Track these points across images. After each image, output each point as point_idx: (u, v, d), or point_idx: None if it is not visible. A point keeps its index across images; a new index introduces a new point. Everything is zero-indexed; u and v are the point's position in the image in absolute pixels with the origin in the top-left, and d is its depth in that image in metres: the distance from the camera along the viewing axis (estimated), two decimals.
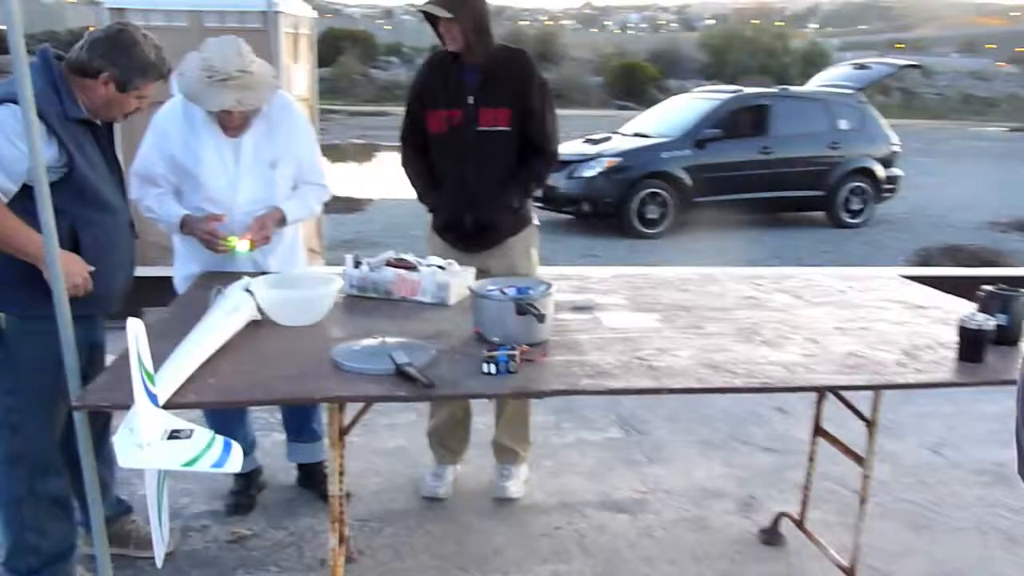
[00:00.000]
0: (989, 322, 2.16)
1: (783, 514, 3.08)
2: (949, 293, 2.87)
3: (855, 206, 10.50)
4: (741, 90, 10.86)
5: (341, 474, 2.19)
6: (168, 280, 2.95)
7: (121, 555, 2.66)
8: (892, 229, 10.48)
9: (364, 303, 2.54)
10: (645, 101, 21.70)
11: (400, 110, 3.25)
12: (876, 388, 2.02)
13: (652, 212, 9.64)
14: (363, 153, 18.50)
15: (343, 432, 2.19)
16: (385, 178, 13.10)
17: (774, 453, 3.79)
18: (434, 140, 3.02)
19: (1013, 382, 2.18)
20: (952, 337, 2.22)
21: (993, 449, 3.91)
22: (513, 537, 3.05)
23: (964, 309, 2.39)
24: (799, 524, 3.03)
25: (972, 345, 2.14)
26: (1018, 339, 2.30)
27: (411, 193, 3.17)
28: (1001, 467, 3.73)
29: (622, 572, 2.85)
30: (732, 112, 10.22)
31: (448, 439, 3.34)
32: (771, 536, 3.07)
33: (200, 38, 2.75)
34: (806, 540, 2.97)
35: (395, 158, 3.38)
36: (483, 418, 3.49)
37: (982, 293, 2.33)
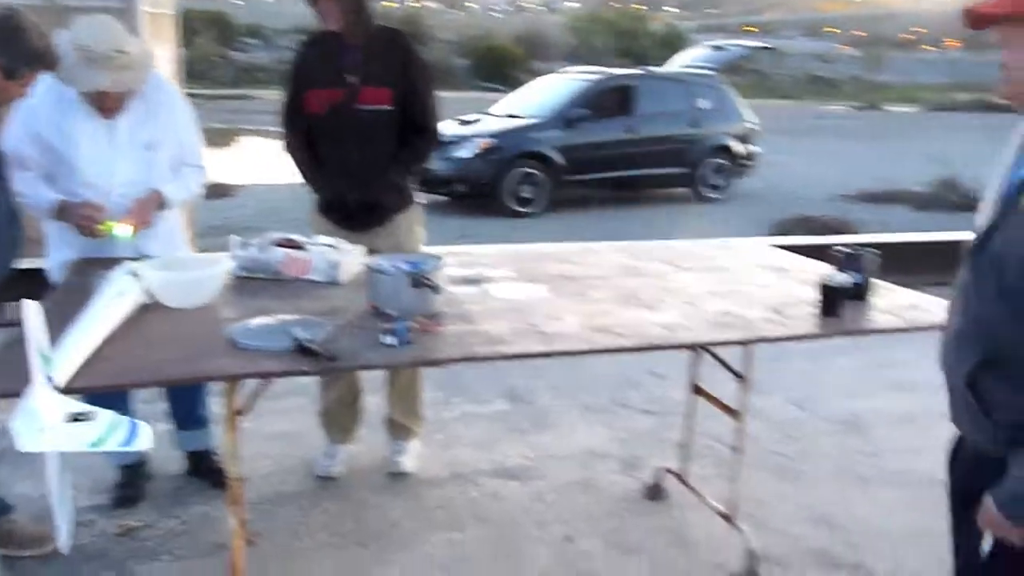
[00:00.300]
0: (846, 279, 2.37)
1: (665, 470, 3.27)
2: None
3: (716, 182, 11.01)
4: (608, 71, 11.16)
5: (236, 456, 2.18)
6: (39, 272, 2.81)
7: (3, 555, 2.55)
8: (751, 203, 11.06)
9: (253, 284, 2.52)
10: (511, 83, 21.90)
11: (264, 93, 3.22)
12: (748, 343, 2.19)
13: (526, 192, 9.81)
14: (227, 138, 17.88)
15: (238, 412, 2.18)
16: (254, 163, 12.73)
17: (653, 415, 3.99)
18: (315, 121, 3.00)
19: (868, 331, 2.42)
20: (813, 296, 2.42)
21: (848, 401, 4.26)
22: (409, 510, 3.10)
23: (822, 271, 2.61)
24: (681, 478, 3.22)
25: (831, 301, 2.34)
26: (869, 294, 2.53)
27: (284, 178, 3.14)
28: (855, 417, 4.07)
29: (516, 536, 2.96)
30: (599, 93, 10.50)
31: (340, 418, 3.35)
32: (655, 492, 3.25)
33: (58, 17, 2.63)
34: (688, 493, 3.16)
35: (261, 143, 3.34)
36: (374, 397, 3.51)
37: (838, 254, 2.55)
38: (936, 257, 6.69)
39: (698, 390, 3.09)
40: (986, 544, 1.49)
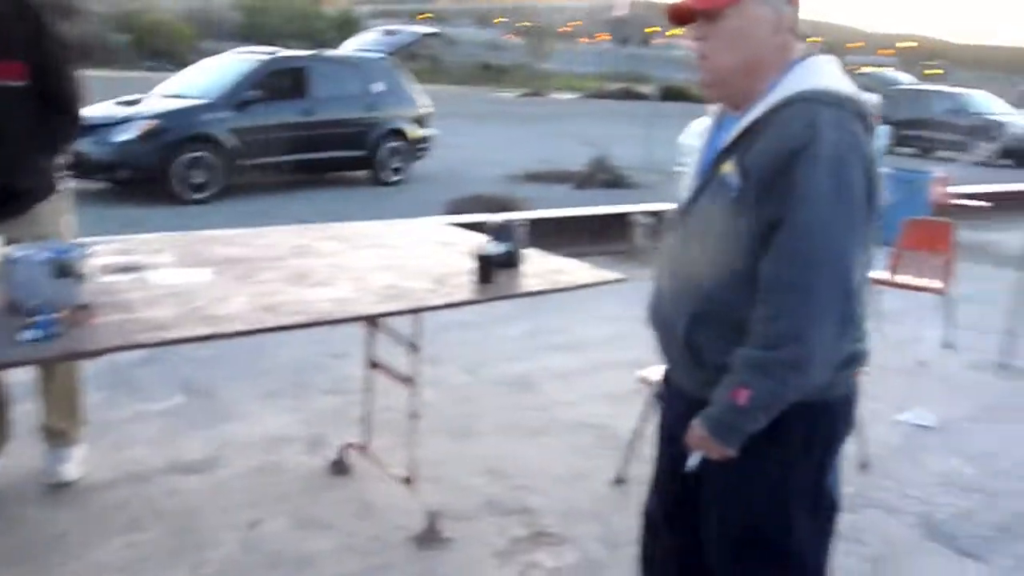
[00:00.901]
0: (500, 247, 2.59)
1: (348, 445, 3.35)
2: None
3: (394, 164, 11.24)
4: (280, 52, 10.89)
5: None
6: None
7: None
8: (428, 184, 11.44)
9: None
10: (178, 63, 20.53)
11: None
12: (411, 312, 2.32)
13: (198, 177, 9.31)
14: None
15: None
16: None
17: (336, 394, 4.05)
18: None
19: (519, 295, 2.67)
20: (472, 266, 2.62)
21: (515, 364, 4.63)
22: (78, 519, 2.88)
23: (480, 243, 2.82)
24: (363, 451, 3.32)
25: (486, 269, 2.56)
26: (519, 262, 2.79)
27: None
28: (523, 377, 4.44)
29: (199, 527, 2.88)
30: (272, 74, 10.22)
31: None
32: (340, 467, 3.32)
33: None
34: (371, 465, 3.27)
35: None
36: (25, 406, 3.20)
37: (492, 225, 2.78)
38: (591, 227, 7.50)
39: (374, 364, 3.20)
40: (692, 460, 1.68)
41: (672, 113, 11.25)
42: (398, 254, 2.90)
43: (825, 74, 1.60)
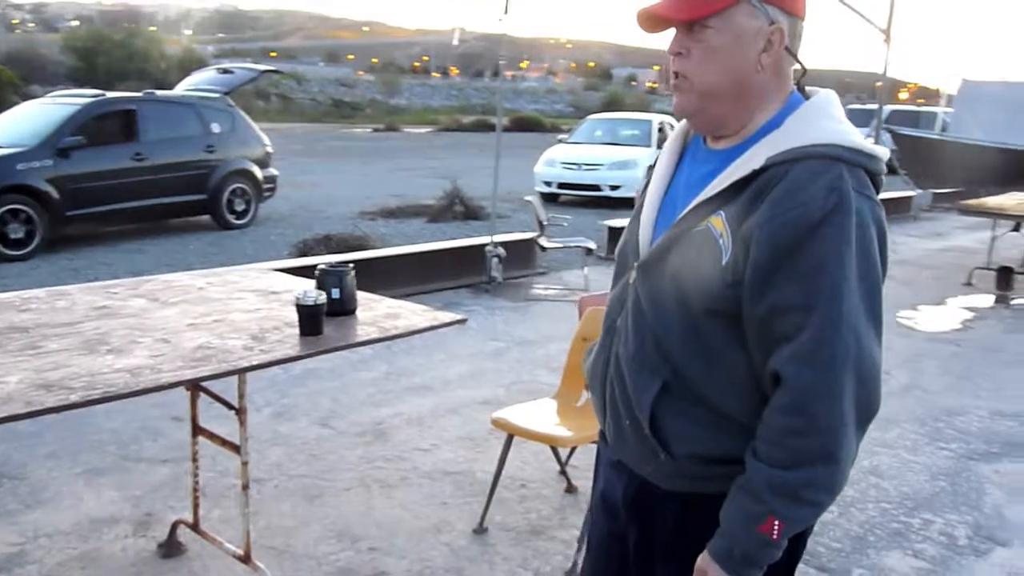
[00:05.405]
0: (321, 297, 2.37)
1: (178, 522, 3.01)
2: None
3: (239, 207, 10.72)
4: (103, 94, 10.19)
5: None
6: None
7: None
8: (276, 226, 10.99)
9: None
10: (4, 108, 19.10)
11: None
12: (223, 376, 2.06)
13: (16, 231, 8.51)
14: None
15: None
16: None
17: (170, 463, 3.69)
18: None
19: (349, 346, 2.45)
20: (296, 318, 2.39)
21: (371, 411, 4.38)
22: None
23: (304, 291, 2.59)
24: (195, 527, 2.99)
25: (310, 320, 2.33)
26: (353, 309, 2.58)
27: None
28: (378, 425, 4.20)
29: None
30: (96, 118, 9.50)
31: None
32: (170, 548, 2.98)
33: None
34: (204, 542, 2.95)
35: None
36: None
37: (317, 272, 2.56)
38: (447, 261, 7.34)
39: (200, 431, 2.90)
40: None
41: (523, 143, 11.31)
42: (213, 309, 2.62)
43: (836, 119, 1.34)
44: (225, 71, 11.34)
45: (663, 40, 1.41)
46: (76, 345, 2.21)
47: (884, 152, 1.34)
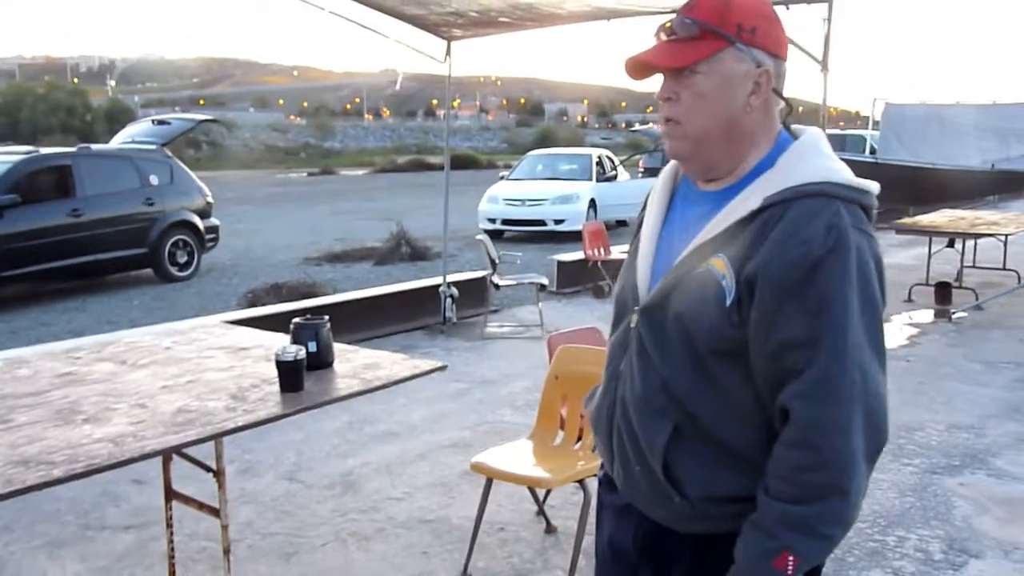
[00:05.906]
0: (301, 352, 2.33)
1: None
2: (278, 330, 3.02)
3: (181, 259, 10.51)
4: (36, 150, 9.94)
5: None
6: None
7: None
8: (221, 276, 10.79)
9: None
10: None
11: None
12: (209, 439, 2.00)
13: None
14: None
15: None
16: None
17: (134, 529, 3.55)
18: None
19: (334, 400, 2.41)
20: (275, 372, 2.34)
21: (337, 462, 4.29)
22: None
23: (279, 345, 2.54)
24: None
25: (291, 375, 2.28)
26: (330, 361, 2.54)
27: None
28: (347, 476, 4.11)
29: None
30: (29, 175, 9.24)
31: None
32: None
33: None
34: None
35: None
36: None
37: (292, 326, 2.51)
38: (400, 303, 7.30)
39: (174, 494, 2.80)
40: None
41: (461, 181, 11.34)
42: (186, 369, 2.55)
43: (828, 156, 1.37)
44: (161, 122, 11.16)
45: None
46: (48, 416, 2.12)
47: (875, 186, 1.38)
